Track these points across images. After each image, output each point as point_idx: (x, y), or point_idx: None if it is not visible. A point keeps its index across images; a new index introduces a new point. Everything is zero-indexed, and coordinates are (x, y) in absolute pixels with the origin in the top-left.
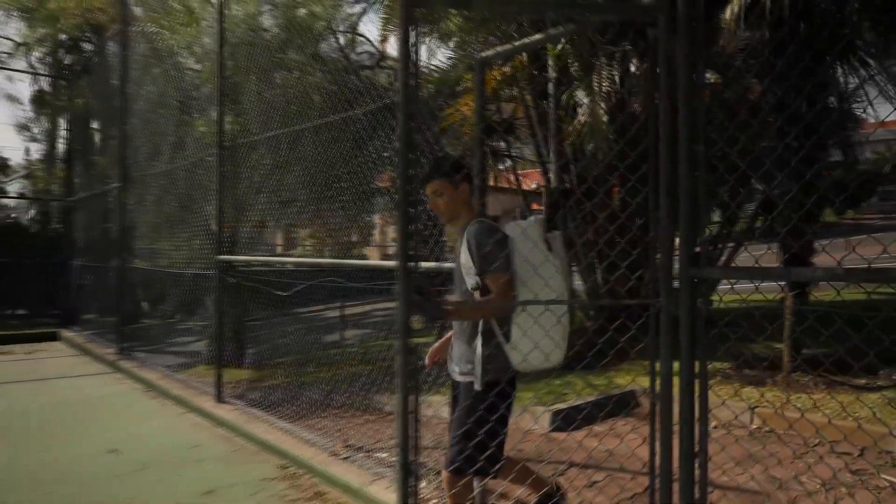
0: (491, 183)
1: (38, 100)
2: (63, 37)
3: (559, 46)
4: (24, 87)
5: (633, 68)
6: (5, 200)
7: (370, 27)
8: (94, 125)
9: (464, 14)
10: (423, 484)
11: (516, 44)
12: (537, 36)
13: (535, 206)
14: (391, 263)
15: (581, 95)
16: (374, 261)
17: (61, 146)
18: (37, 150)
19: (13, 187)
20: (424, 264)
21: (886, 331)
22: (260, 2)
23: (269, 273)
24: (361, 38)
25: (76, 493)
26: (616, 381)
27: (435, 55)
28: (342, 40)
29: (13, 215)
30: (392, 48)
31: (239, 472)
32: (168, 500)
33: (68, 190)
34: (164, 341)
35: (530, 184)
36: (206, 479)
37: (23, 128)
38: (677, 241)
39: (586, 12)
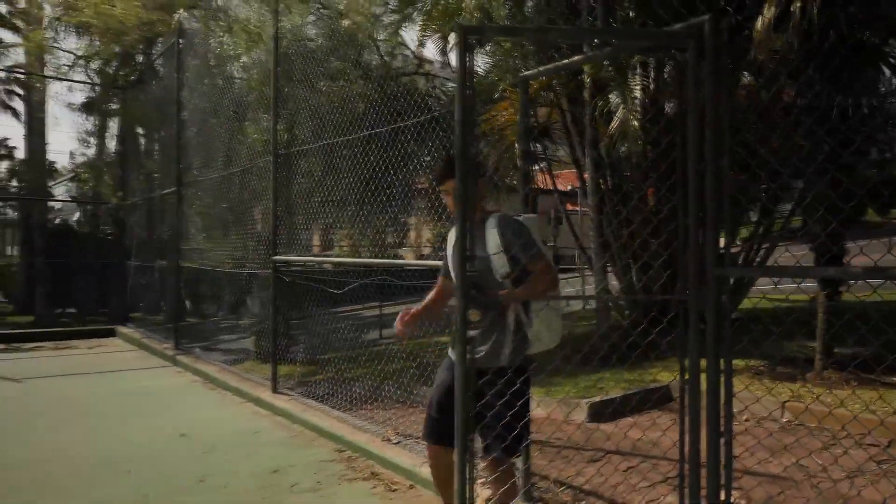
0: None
1: (93, 108)
2: (119, 49)
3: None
4: (81, 97)
5: (665, 75)
6: (54, 203)
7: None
8: (149, 133)
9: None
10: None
11: (558, 64)
12: (577, 57)
13: (569, 207)
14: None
15: (616, 102)
16: (427, 262)
17: (115, 151)
18: (87, 155)
19: (59, 190)
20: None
21: None
22: (308, 14)
23: (316, 272)
24: (401, 45)
25: (158, 470)
26: (650, 377)
27: (475, 62)
28: (383, 48)
29: (63, 218)
30: (428, 51)
31: (300, 454)
32: (240, 477)
33: (123, 193)
34: (217, 338)
35: (565, 184)
36: (271, 460)
37: (82, 136)
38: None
39: (622, 39)
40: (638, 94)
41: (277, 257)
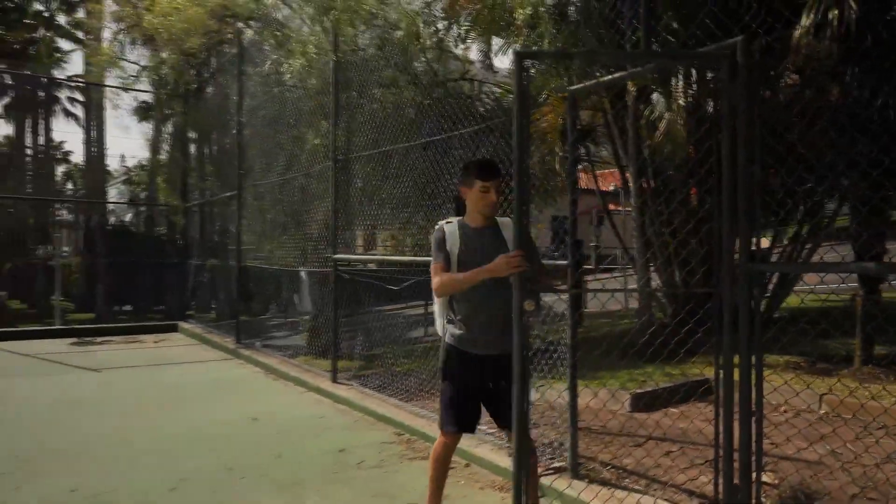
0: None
1: (154, 115)
2: (182, 58)
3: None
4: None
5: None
6: (111, 205)
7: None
8: (208, 138)
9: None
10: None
11: (600, 80)
12: (621, 73)
13: (612, 207)
14: None
15: (659, 106)
16: None
17: (173, 156)
18: (143, 159)
19: (111, 192)
20: None
21: None
22: (363, 23)
23: (367, 272)
24: (448, 52)
25: (237, 448)
26: (695, 371)
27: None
28: (431, 55)
29: (117, 218)
30: (473, 54)
31: (362, 437)
32: (311, 455)
33: (184, 196)
34: (274, 333)
35: (608, 184)
36: (337, 442)
37: (151, 143)
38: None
39: (662, 60)
40: (681, 100)
41: (337, 256)
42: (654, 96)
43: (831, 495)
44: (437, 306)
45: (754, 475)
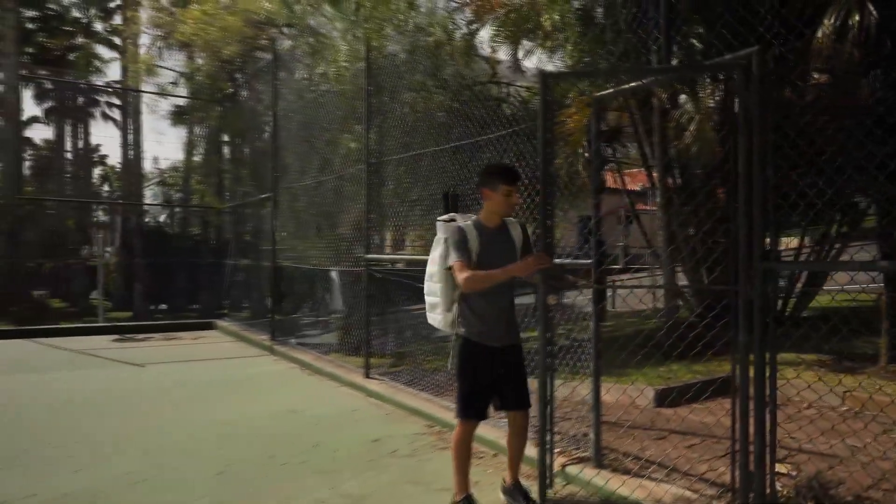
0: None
1: (189, 119)
2: (218, 64)
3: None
4: (177, 108)
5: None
6: (147, 206)
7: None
8: (243, 142)
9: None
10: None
11: (623, 88)
12: (644, 81)
13: (640, 207)
14: None
15: (688, 106)
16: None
17: (209, 159)
18: (174, 161)
19: (147, 193)
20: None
21: None
22: (394, 29)
23: (397, 271)
24: (475, 55)
25: (277, 438)
26: (721, 368)
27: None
28: (459, 59)
29: (151, 219)
30: (501, 54)
31: (395, 428)
32: (347, 444)
33: (220, 198)
34: (308, 331)
35: (636, 184)
36: (371, 432)
37: (186, 146)
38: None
39: (680, 73)
40: (709, 101)
41: (370, 255)
42: (682, 97)
43: (845, 485)
44: (440, 304)
45: (768, 463)
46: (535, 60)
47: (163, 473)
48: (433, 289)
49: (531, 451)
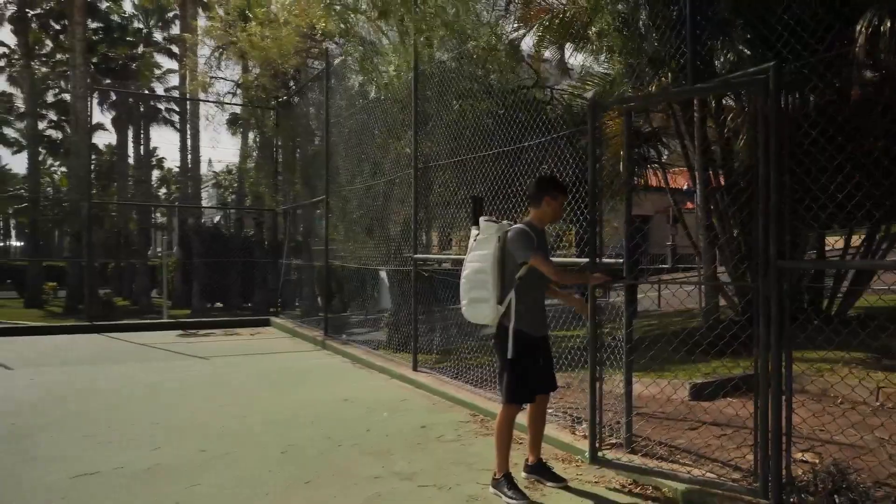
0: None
1: (245, 126)
2: (273, 74)
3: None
4: (234, 116)
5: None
6: (205, 208)
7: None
8: (296, 147)
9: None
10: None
11: (651, 96)
12: (670, 92)
13: (689, 206)
14: (580, 260)
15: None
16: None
17: (263, 163)
18: (228, 164)
19: (202, 195)
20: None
21: None
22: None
23: (443, 271)
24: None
25: (333, 423)
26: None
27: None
28: (505, 64)
29: (206, 221)
30: (547, 55)
31: (441, 416)
32: (397, 429)
33: (276, 200)
34: (357, 328)
35: (682, 183)
36: (419, 419)
37: (241, 151)
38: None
39: (702, 92)
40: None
41: (417, 255)
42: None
43: (864, 472)
44: (490, 297)
45: (784, 448)
46: (580, 58)
47: (233, 451)
48: (482, 282)
49: (567, 437)
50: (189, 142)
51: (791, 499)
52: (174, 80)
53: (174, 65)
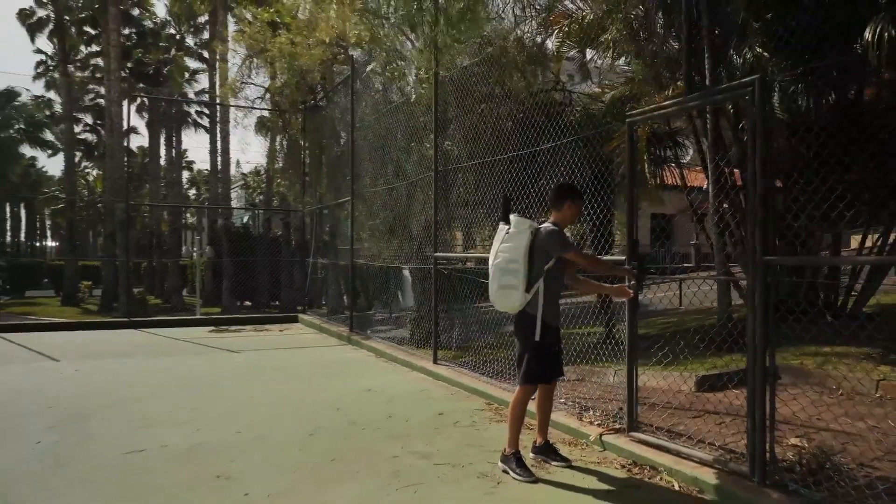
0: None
1: (273, 129)
2: (299, 79)
3: None
4: (262, 120)
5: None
6: (233, 208)
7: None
8: (322, 150)
9: None
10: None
11: (652, 112)
12: (675, 101)
13: (706, 205)
14: (619, 258)
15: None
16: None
17: (291, 166)
18: (256, 165)
19: (231, 195)
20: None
21: None
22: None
23: (462, 269)
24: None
25: (356, 410)
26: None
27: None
28: (525, 68)
29: (234, 221)
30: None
31: (458, 405)
32: (416, 416)
33: (304, 202)
34: (379, 326)
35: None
36: (437, 407)
37: (269, 153)
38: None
39: (698, 100)
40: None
41: (437, 254)
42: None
43: (849, 454)
44: (519, 285)
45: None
46: (599, 61)
47: (266, 433)
48: (514, 271)
49: (574, 422)
50: (219, 144)
51: (775, 477)
52: (204, 82)
53: (204, 66)
